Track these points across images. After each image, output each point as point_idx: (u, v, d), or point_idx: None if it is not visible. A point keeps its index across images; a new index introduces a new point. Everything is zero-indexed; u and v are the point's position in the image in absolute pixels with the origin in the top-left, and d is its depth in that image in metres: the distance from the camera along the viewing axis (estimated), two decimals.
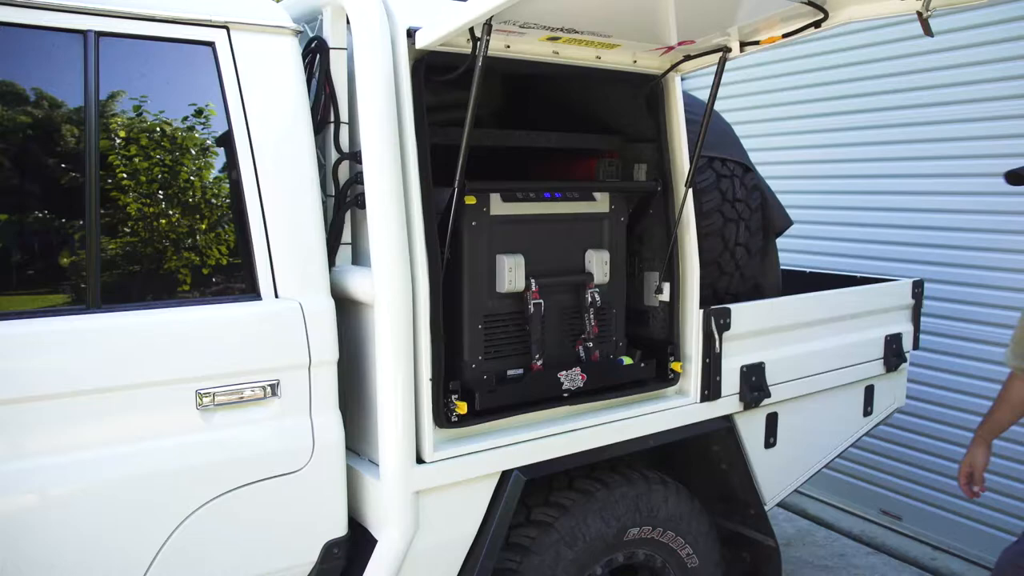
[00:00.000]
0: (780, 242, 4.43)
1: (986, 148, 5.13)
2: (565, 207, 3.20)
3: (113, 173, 2.50)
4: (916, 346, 4.53)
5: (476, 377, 3.00)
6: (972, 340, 5.29)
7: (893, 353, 4.29)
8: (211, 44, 2.60)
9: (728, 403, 3.62)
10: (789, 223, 4.45)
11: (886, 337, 4.28)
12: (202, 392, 2.51)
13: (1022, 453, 5.08)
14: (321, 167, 2.87)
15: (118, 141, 2.51)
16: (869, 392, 4.31)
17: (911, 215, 5.59)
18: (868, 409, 4.33)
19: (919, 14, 2.57)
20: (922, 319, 4.54)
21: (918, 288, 4.46)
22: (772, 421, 3.85)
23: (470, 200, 2.93)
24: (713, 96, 3.28)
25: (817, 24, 2.83)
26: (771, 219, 4.23)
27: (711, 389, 3.52)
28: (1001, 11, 4.90)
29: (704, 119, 3.25)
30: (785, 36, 2.97)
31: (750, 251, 4.06)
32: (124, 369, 2.41)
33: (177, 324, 2.51)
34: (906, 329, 4.41)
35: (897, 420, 5.43)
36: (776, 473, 3.89)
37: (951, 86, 5.28)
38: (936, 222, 5.44)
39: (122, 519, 2.43)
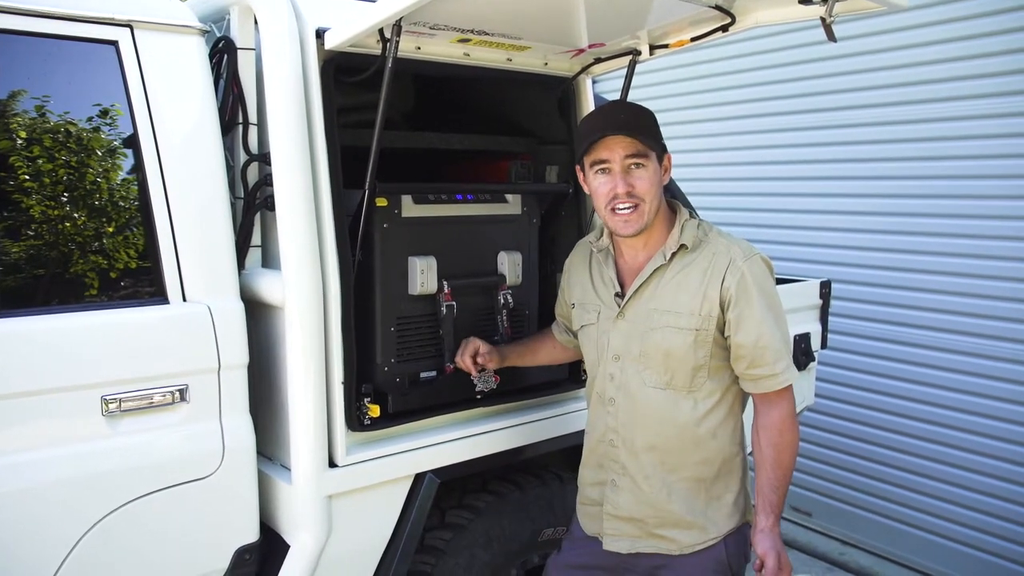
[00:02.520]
0: None
1: (890, 151, 5.26)
2: (477, 209, 3.20)
3: (15, 175, 2.43)
4: (824, 345, 4.62)
5: (389, 380, 2.98)
6: (879, 339, 5.43)
7: (802, 352, 4.37)
8: (114, 43, 2.55)
9: None
10: None
11: (794, 337, 4.35)
12: (107, 398, 2.46)
13: (924, 448, 5.23)
14: (230, 169, 2.84)
15: (19, 142, 2.45)
16: None
17: (819, 216, 5.72)
18: None
19: (823, 19, 2.62)
20: (830, 319, 4.63)
21: (825, 288, 4.56)
22: None
23: (381, 202, 2.92)
24: (623, 99, 3.32)
25: (725, 28, 2.87)
26: None
27: None
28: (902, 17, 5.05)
29: None
30: (694, 40, 3.01)
31: None
32: (25, 375, 2.35)
33: (81, 329, 2.46)
34: (814, 329, 4.49)
35: (806, 418, 5.54)
36: None
37: (859, 90, 5.42)
38: (843, 223, 5.56)
39: (23, 530, 2.36)
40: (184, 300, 2.62)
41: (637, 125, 2.59)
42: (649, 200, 2.57)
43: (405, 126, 3.79)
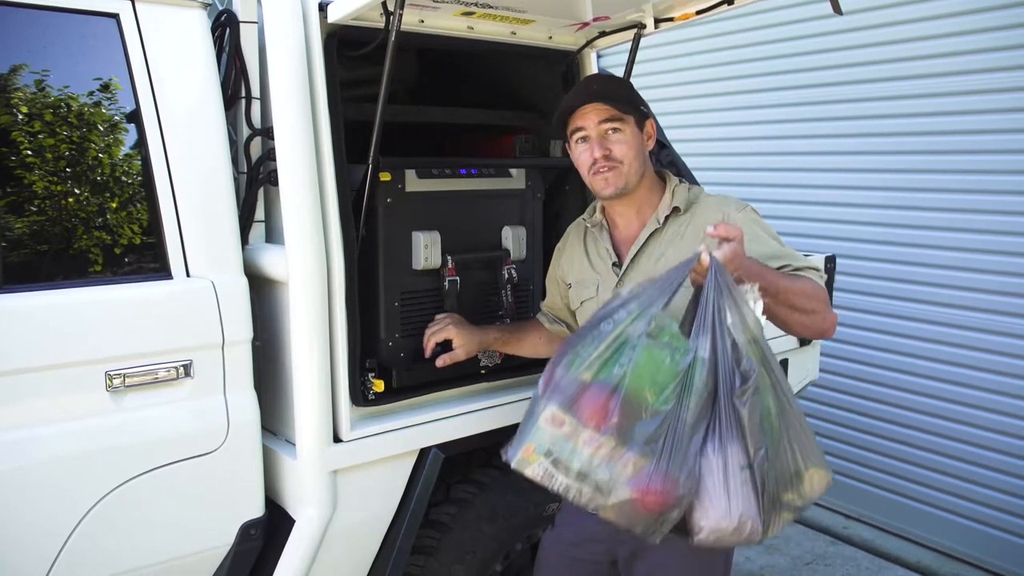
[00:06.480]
0: None
1: (900, 126, 5.23)
2: (481, 184, 3.19)
3: (17, 150, 2.42)
4: None
5: (393, 355, 2.98)
6: (884, 315, 5.41)
7: None
8: (115, 16, 2.53)
9: None
10: None
11: None
12: (112, 373, 2.45)
13: (929, 422, 5.23)
14: (233, 143, 2.82)
15: (20, 117, 2.43)
16: (783, 366, 4.35)
17: (826, 191, 5.69)
18: None
19: None
20: (835, 294, 4.61)
21: (830, 263, 4.53)
22: None
23: (385, 177, 2.90)
24: (628, 72, 3.30)
25: (729, 1, 2.85)
26: None
27: None
28: None
29: None
30: (699, 13, 3.00)
31: None
32: (29, 351, 2.34)
33: (85, 304, 2.45)
34: None
35: (811, 394, 5.54)
36: None
37: (867, 64, 5.37)
38: (850, 199, 5.54)
39: (28, 507, 2.36)
40: (188, 276, 2.62)
41: (609, 92, 2.63)
42: (628, 163, 2.60)
43: (408, 100, 3.77)
